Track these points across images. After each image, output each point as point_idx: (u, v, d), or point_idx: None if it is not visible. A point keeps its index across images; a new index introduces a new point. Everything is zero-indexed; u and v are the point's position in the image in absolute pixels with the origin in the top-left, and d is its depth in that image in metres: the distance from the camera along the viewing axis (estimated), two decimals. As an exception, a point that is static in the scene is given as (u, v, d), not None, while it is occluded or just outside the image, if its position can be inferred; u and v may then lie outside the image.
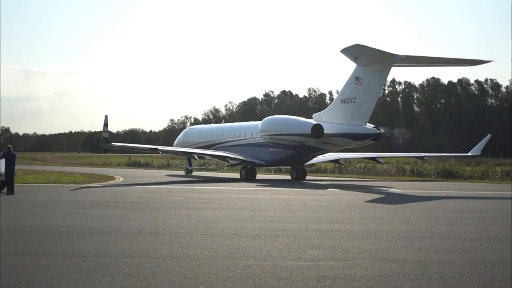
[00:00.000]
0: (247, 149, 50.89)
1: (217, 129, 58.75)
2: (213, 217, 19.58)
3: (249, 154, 50.11)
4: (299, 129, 45.16)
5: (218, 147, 54.18)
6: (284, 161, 49.86)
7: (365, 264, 11.39)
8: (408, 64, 46.02)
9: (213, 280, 9.97)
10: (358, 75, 42.70)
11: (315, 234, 15.50)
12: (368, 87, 42.26)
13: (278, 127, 46.89)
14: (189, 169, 59.85)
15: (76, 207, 22.78)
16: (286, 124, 46.75)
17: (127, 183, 41.50)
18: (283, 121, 47.75)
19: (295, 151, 47.02)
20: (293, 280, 10.02)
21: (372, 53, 40.91)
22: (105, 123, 45.28)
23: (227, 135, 54.71)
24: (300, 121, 46.21)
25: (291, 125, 46.22)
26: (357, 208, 23.70)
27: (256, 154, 49.82)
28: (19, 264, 11.18)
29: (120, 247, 13.18)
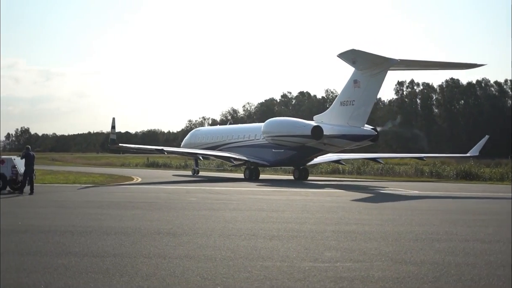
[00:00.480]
0: (251, 150, 52.24)
1: (222, 131, 60.56)
2: (231, 217, 19.60)
3: (253, 154, 51.51)
4: (300, 131, 46.64)
5: (223, 148, 55.54)
6: (287, 161, 51.20)
7: (382, 266, 11.35)
8: (404, 68, 47.61)
9: (230, 281, 9.99)
10: (356, 79, 44.21)
11: (332, 235, 15.47)
12: (366, 90, 43.65)
13: (280, 129, 48.42)
14: (196, 169, 60.76)
15: (94, 207, 22.91)
16: (287, 126, 48.27)
17: (145, 183, 41.63)
18: (284, 123, 49.40)
19: (297, 151, 48.33)
20: (310, 282, 10.01)
21: (368, 57, 42.23)
22: (112, 126, 47.37)
23: (232, 136, 56.11)
24: (301, 123, 47.68)
25: (292, 127, 47.71)
26: (375, 209, 23.62)
27: (259, 155, 51.20)
28: (38, 263, 11.26)
29: (138, 247, 13.24)
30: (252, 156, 51.37)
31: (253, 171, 50.96)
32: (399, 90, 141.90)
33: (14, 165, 30.97)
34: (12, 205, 24.05)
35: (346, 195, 32.35)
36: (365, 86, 43.63)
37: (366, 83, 43.58)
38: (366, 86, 43.60)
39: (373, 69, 43.04)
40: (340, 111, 45.57)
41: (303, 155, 48.97)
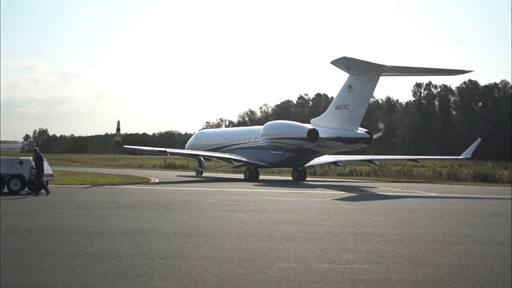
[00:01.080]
0: (251, 151, 54.20)
1: (224, 133, 63.13)
2: (247, 219, 19.62)
3: (253, 156, 53.51)
4: (296, 133, 48.95)
5: (225, 150, 57.41)
6: (285, 162, 53.23)
7: (399, 268, 11.32)
8: (395, 74, 50.13)
9: (247, 282, 10.01)
10: (350, 84, 46.65)
11: (349, 237, 15.45)
12: (359, 95, 46.16)
13: (278, 132, 50.73)
14: (200, 170, 62.28)
15: (112, 208, 23.04)
16: (285, 129, 50.55)
17: (162, 185, 41.78)
18: (282, 126, 51.77)
19: (295, 153, 50.47)
20: (327, 283, 10.01)
21: (361, 64, 44.85)
22: (117, 128, 49.30)
23: (233, 138, 58.11)
24: (297, 126, 50.07)
25: (289, 130, 50.04)
26: (392, 211, 23.54)
27: (259, 156, 53.19)
28: (56, 263, 11.34)
29: (155, 248, 13.29)
30: (252, 157, 53.30)
31: (253, 172, 52.76)
32: (417, 92, 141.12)
33: (33, 165, 31.13)
34: (30, 206, 24.23)
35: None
36: (358, 91, 46.09)
37: (359, 88, 46.04)
38: (359, 91, 46.07)
39: (366, 75, 45.52)
40: (335, 115, 48.06)
41: (301, 156, 50.97)
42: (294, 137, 49.04)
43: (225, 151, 57.19)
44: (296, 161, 52.23)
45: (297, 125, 50.35)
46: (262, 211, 22.76)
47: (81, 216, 20.17)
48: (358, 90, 46.15)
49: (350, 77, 46.74)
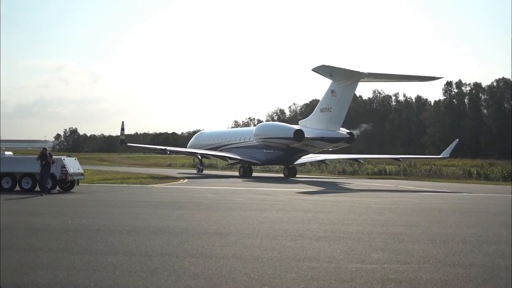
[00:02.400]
0: (246, 150, 59.23)
1: (222, 134, 67.88)
2: (277, 218, 19.62)
3: (247, 154, 58.65)
4: (284, 133, 53.98)
5: (223, 148, 62.36)
6: (276, 160, 58.19)
7: (430, 268, 11.24)
8: (372, 80, 55.67)
9: (277, 281, 10.00)
10: (333, 89, 52.00)
11: (379, 237, 15.37)
12: (341, 99, 51.51)
13: (268, 132, 56.17)
14: (201, 168, 65.33)
15: (142, 207, 23.17)
16: (274, 130, 56.09)
17: (191, 184, 41.95)
18: (272, 127, 58.01)
19: (284, 152, 55.48)
20: (358, 283, 9.97)
21: (341, 71, 50.06)
22: (122, 128, 55.82)
23: (230, 138, 63.39)
24: (285, 127, 55.63)
25: (278, 131, 55.37)
26: (422, 211, 23.37)
27: (252, 155, 58.25)
28: (88, 261, 11.43)
29: (185, 247, 13.34)
30: (246, 156, 58.43)
31: (246, 169, 58.02)
32: (447, 90, 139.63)
33: (64, 165, 31.46)
34: (62, 204, 24.47)
35: (392, 196, 32.14)
36: (340, 95, 51.41)
37: (341, 93, 51.39)
38: (341, 95, 51.41)
39: (346, 81, 51.00)
40: (320, 117, 53.35)
41: (290, 155, 55.93)
42: (282, 137, 53.97)
43: (222, 149, 62.11)
44: (286, 159, 57.02)
45: (285, 126, 55.95)
46: (291, 210, 22.74)
47: (111, 215, 20.34)
48: (339, 95, 51.42)
49: (333, 82, 51.95)
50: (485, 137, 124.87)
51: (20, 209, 22.23)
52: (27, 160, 33.94)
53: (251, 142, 58.73)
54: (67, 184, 32.23)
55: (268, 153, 56.79)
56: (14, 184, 32.13)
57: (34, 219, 18.83)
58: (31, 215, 20.14)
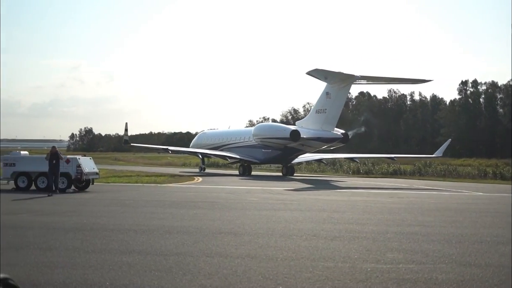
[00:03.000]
0: (245, 150, 61.13)
1: (223, 134, 69.85)
2: (291, 218, 19.61)
3: (246, 153, 60.60)
4: (281, 134, 55.94)
5: (224, 148, 64.34)
6: (274, 159, 60.02)
7: (446, 268, 11.19)
8: (365, 83, 57.33)
9: (291, 281, 10.00)
10: (328, 91, 53.89)
11: (394, 237, 15.32)
12: (335, 101, 53.66)
13: (266, 132, 58.17)
14: (203, 167, 67.28)
15: (156, 206, 23.23)
16: (272, 130, 58.44)
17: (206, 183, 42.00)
18: (269, 127, 60.69)
19: (282, 151, 57.31)
20: (373, 283, 9.94)
21: (335, 74, 52.15)
22: (125, 129, 58.91)
23: (231, 138, 65.33)
24: (282, 127, 58.24)
25: (275, 131, 57.56)
26: (438, 211, 23.27)
27: (252, 154, 60.19)
28: (103, 261, 11.47)
29: (200, 246, 13.36)
30: (245, 155, 60.43)
31: (246, 168, 60.04)
32: (463, 90, 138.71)
33: (79, 164, 31.62)
34: (77, 204, 24.59)
35: (408, 196, 32.04)
36: (334, 97, 53.45)
37: (335, 95, 53.40)
38: (335, 97, 53.46)
39: (340, 84, 53.00)
40: (316, 118, 55.39)
41: (287, 154, 57.66)
42: (279, 137, 55.93)
43: (223, 149, 64.08)
44: (283, 158, 58.82)
45: (282, 127, 58.78)
46: (305, 210, 22.73)
47: (126, 214, 20.40)
48: (334, 96, 53.50)
49: (328, 85, 54.00)
50: (501, 137, 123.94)
51: (36, 208, 22.37)
52: (43, 159, 34.12)
53: (250, 142, 60.57)
54: (82, 183, 32.38)
55: (267, 152, 58.74)
56: (30, 183, 32.34)
57: (50, 218, 18.95)
58: (47, 214, 20.27)
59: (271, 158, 59.28)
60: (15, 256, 11.91)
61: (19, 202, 25.05)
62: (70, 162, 31.83)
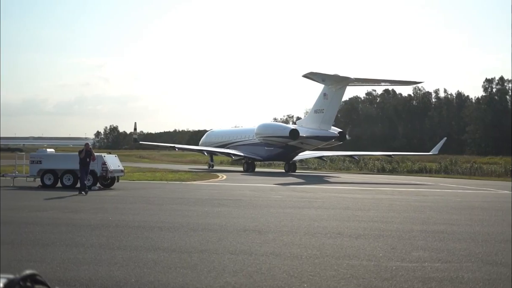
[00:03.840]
0: (249, 148, 64.43)
1: (230, 132, 74.04)
2: (316, 215, 19.58)
3: (250, 151, 64.01)
4: (281, 132, 59.58)
5: (230, 146, 67.40)
6: (276, 157, 64.19)
7: (472, 267, 11.09)
8: (359, 84, 63.05)
9: (316, 279, 9.98)
10: (325, 92, 57.83)
11: (420, 235, 15.22)
12: (332, 101, 57.40)
13: (268, 131, 61.70)
14: (211, 164, 70.30)
15: (181, 204, 23.32)
16: (273, 129, 62.12)
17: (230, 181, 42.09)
18: (270, 126, 63.62)
19: (283, 149, 60.79)
20: (398, 281, 9.88)
21: (331, 77, 56.08)
22: (134, 128, 65.99)
23: (236, 137, 68.99)
24: (282, 127, 62.56)
25: (276, 130, 61.41)
26: (464, 209, 23.10)
27: (255, 151, 63.63)
28: (129, 257, 11.53)
29: (224, 244, 13.38)
30: (249, 152, 63.82)
31: (250, 165, 63.14)
32: (488, 87, 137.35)
33: (104, 162, 31.83)
34: (103, 201, 24.76)
35: (433, 194, 31.82)
36: (331, 98, 57.14)
37: (332, 96, 57.08)
38: (332, 98, 57.14)
39: (336, 85, 56.79)
40: (314, 118, 59.03)
41: (288, 151, 61.22)
42: (280, 136, 59.42)
43: (229, 147, 67.18)
44: (285, 156, 62.52)
45: (282, 126, 63.26)
46: (330, 208, 22.68)
47: (151, 211, 20.50)
48: (331, 97, 57.19)
49: (325, 87, 57.85)
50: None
51: (63, 205, 22.57)
52: (69, 156, 34.44)
53: (254, 141, 63.76)
54: (108, 181, 32.61)
55: (269, 150, 62.13)
56: (56, 180, 32.62)
57: (76, 215, 19.09)
58: (73, 211, 20.41)
59: (273, 155, 62.94)
60: (42, 253, 12.03)
61: (51, 200, 25.25)
62: (95, 159, 32.07)
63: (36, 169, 33.00)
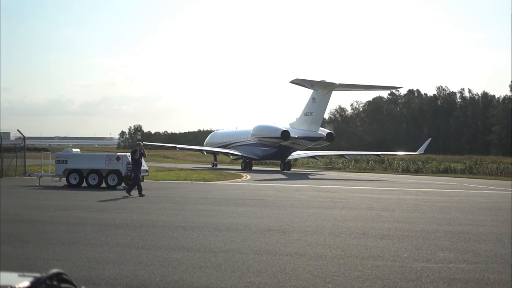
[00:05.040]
0: (247, 148, 68.48)
1: (231, 133, 77.85)
2: (340, 216, 19.53)
3: (248, 151, 68.00)
4: (274, 133, 63.01)
5: (230, 146, 71.60)
6: (271, 156, 68.09)
7: (498, 268, 11.00)
8: (344, 89, 66.92)
9: (341, 279, 9.95)
10: (314, 97, 62.49)
11: (445, 236, 15.12)
12: (319, 105, 62.30)
13: (262, 132, 65.30)
14: (215, 163, 74.93)
15: (206, 204, 23.38)
16: (267, 130, 64.93)
17: (255, 181, 42.14)
18: (265, 128, 65.74)
19: (277, 149, 64.61)
20: (423, 282, 9.83)
21: (317, 83, 61.31)
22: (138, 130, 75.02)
23: (236, 137, 72.72)
24: (275, 128, 64.08)
25: (269, 131, 64.37)
26: (489, 210, 22.90)
27: (252, 151, 67.56)
28: (153, 257, 11.60)
29: (248, 243, 13.40)
30: (247, 152, 67.83)
31: (247, 163, 66.83)
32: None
33: (129, 161, 32.00)
34: (127, 201, 24.91)
35: (458, 194, 31.61)
36: (319, 102, 62.08)
37: (319, 100, 61.98)
38: (319, 102, 62.11)
39: (323, 90, 61.70)
40: (304, 120, 63.51)
41: (282, 151, 65.04)
42: (273, 137, 63.11)
43: (230, 147, 71.39)
44: (279, 155, 66.21)
45: (274, 128, 64.32)
46: (354, 208, 22.60)
47: (175, 211, 20.59)
48: (318, 101, 61.98)
49: (314, 91, 62.54)
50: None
51: (88, 205, 22.73)
52: (94, 156, 34.73)
53: (252, 141, 67.68)
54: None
55: (265, 149, 66.17)
56: (81, 180, 32.89)
57: (101, 215, 19.23)
58: (98, 211, 20.57)
59: (269, 154, 67.04)
60: (67, 252, 12.14)
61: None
62: (120, 159, 32.26)
63: (61, 168, 33.31)
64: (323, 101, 62.55)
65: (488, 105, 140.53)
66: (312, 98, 63.00)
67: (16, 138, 48.77)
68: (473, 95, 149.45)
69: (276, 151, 65.27)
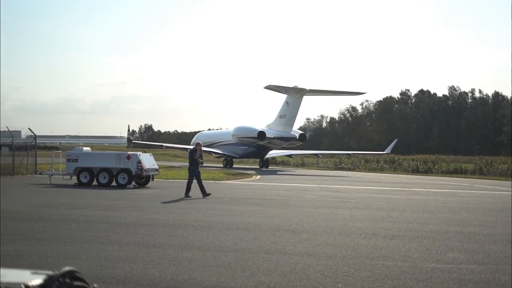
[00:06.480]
0: (228, 147, 73.09)
1: (215, 134, 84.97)
2: (350, 216, 19.52)
3: (229, 150, 72.86)
4: (251, 134, 68.53)
5: (215, 145, 75.59)
6: (250, 154, 73.18)
7: (509, 270, 10.95)
8: (313, 94, 74.21)
9: (351, 279, 9.96)
10: (287, 101, 68.90)
11: (455, 237, 15.09)
12: (292, 108, 68.55)
13: (240, 132, 70.67)
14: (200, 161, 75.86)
15: (216, 203, 23.40)
16: (245, 131, 70.25)
17: (264, 181, 42.15)
18: (243, 129, 71.09)
19: (255, 148, 69.86)
20: (433, 283, 9.82)
21: (288, 89, 67.95)
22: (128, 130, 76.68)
23: (219, 137, 77.64)
24: (252, 129, 69.54)
25: (247, 131, 69.81)
26: (500, 211, 22.82)
27: (233, 150, 72.43)
28: (164, 255, 11.63)
29: (258, 243, 13.41)
30: (228, 151, 72.65)
31: (228, 161, 71.94)
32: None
33: (139, 160, 32.10)
34: (138, 199, 24.96)
35: (467, 195, 31.50)
36: (291, 106, 68.41)
37: (292, 104, 68.39)
38: (292, 106, 68.41)
39: (295, 95, 68.12)
40: (279, 122, 69.66)
41: (259, 150, 70.16)
42: (250, 137, 68.61)
43: (214, 146, 75.40)
44: (258, 154, 71.23)
45: (251, 128, 69.71)
46: (364, 208, 22.58)
47: (186, 210, 20.63)
48: (291, 105, 68.28)
49: (287, 96, 68.89)
50: None
51: (99, 203, 22.80)
52: (104, 155, 34.83)
53: (233, 141, 72.27)
54: (143, 179, 32.87)
55: (244, 148, 70.95)
56: (91, 178, 32.99)
57: (111, 213, 19.29)
58: (109, 209, 20.63)
59: (248, 153, 71.91)
60: (78, 250, 12.20)
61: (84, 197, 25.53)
62: (130, 158, 32.35)
63: (72, 167, 33.42)
64: (295, 105, 68.63)
65: (498, 105, 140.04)
66: (286, 102, 69.28)
67: (27, 137, 49.05)
68: (483, 95, 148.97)
69: (254, 150, 70.39)
